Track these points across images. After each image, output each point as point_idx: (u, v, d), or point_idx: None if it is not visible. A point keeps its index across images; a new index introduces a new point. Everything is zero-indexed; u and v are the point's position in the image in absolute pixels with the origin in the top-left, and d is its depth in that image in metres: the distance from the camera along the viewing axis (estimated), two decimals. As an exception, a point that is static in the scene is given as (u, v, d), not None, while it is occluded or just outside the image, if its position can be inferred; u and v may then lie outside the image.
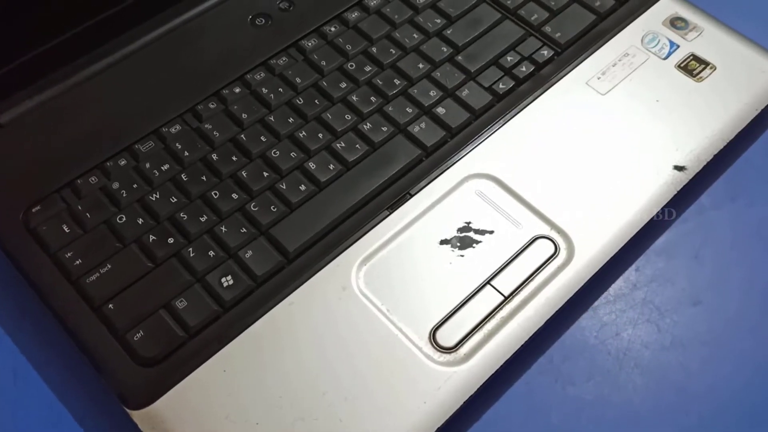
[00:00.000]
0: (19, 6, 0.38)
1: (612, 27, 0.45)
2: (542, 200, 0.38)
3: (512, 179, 0.38)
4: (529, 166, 0.39)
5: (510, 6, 0.45)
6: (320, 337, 0.33)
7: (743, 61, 0.43)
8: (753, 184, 0.41)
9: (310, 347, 0.33)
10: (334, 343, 0.33)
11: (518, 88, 0.42)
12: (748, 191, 0.41)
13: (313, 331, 0.34)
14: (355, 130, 0.40)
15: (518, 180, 0.38)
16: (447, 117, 0.41)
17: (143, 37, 0.43)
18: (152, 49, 0.43)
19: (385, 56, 0.43)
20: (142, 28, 0.43)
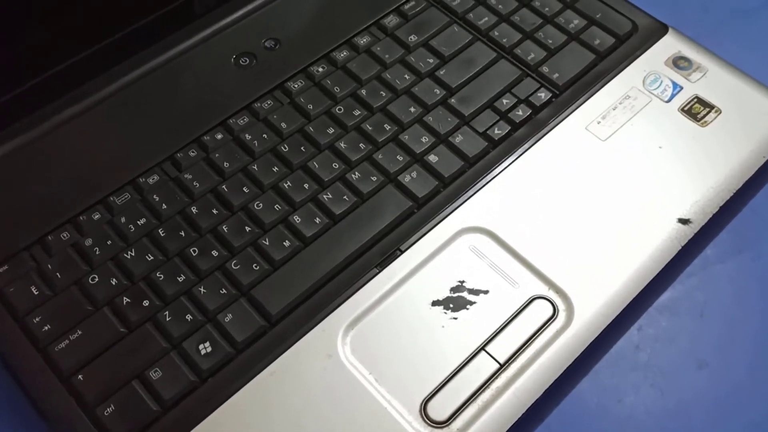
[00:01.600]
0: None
1: (612, 67, 0.43)
2: (539, 256, 0.36)
3: (508, 233, 0.37)
4: (525, 219, 0.37)
5: (506, 44, 0.43)
6: (303, 410, 0.31)
7: (749, 103, 0.41)
8: (759, 235, 0.39)
9: (292, 422, 0.31)
10: (318, 417, 0.31)
11: (514, 133, 0.40)
12: (754, 243, 0.39)
13: (296, 404, 0.32)
14: (342, 179, 0.38)
15: (514, 234, 0.36)
16: (439, 165, 0.39)
17: (119, 79, 0.41)
18: (129, 92, 0.41)
19: (375, 99, 0.41)
20: (118, 70, 0.41)
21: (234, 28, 0.44)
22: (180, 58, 0.42)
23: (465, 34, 0.44)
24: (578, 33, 0.44)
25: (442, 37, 0.44)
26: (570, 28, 0.44)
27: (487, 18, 0.44)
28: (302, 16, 0.44)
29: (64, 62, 0.39)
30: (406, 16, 0.44)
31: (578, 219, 0.37)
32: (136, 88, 0.41)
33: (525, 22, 0.44)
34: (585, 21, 0.44)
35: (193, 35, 0.43)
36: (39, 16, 0.37)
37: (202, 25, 0.43)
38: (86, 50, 0.40)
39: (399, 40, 0.43)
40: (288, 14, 0.44)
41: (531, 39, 0.44)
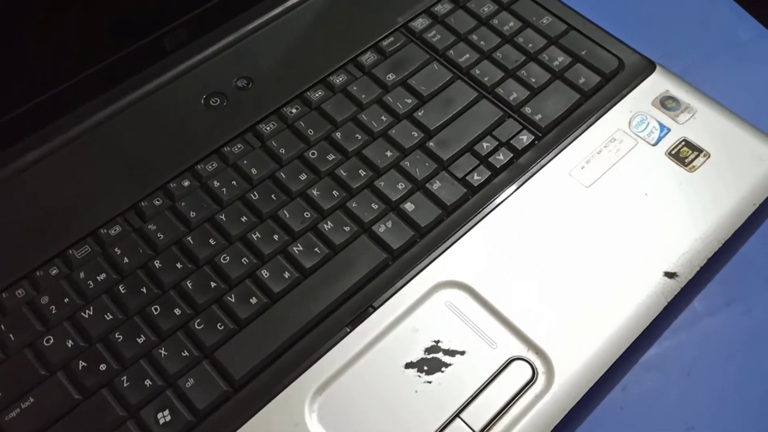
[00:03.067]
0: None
1: (597, 107, 0.41)
2: (518, 313, 0.34)
3: (486, 288, 0.35)
4: (504, 272, 0.35)
5: (487, 83, 0.42)
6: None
7: (739, 146, 0.40)
8: (750, 286, 0.38)
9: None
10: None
11: (494, 179, 0.38)
12: (744, 295, 0.38)
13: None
14: (314, 230, 0.36)
15: (492, 289, 0.35)
16: (416, 214, 0.37)
17: (82, 121, 0.39)
18: (92, 136, 0.39)
19: (350, 143, 0.39)
20: (82, 111, 0.39)
21: (205, 66, 0.42)
22: (148, 99, 0.41)
23: (445, 72, 0.42)
24: (562, 71, 0.42)
25: (421, 75, 0.42)
26: (554, 65, 0.42)
27: (469, 55, 0.43)
28: (276, 53, 0.43)
29: (23, 105, 0.37)
30: (384, 53, 0.43)
31: (559, 272, 0.35)
32: (100, 130, 0.39)
33: (507, 60, 0.43)
34: (570, 58, 0.43)
35: (162, 74, 0.41)
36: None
37: (171, 63, 0.42)
38: (47, 91, 0.38)
39: (376, 79, 0.42)
40: (261, 51, 0.43)
41: (513, 77, 0.42)
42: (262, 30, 0.44)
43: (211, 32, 0.42)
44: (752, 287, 0.38)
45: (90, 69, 0.39)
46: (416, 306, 0.34)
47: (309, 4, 0.45)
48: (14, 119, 0.37)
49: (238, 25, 0.43)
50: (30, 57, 0.36)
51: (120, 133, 0.39)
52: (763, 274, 0.38)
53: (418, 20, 0.44)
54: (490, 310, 0.34)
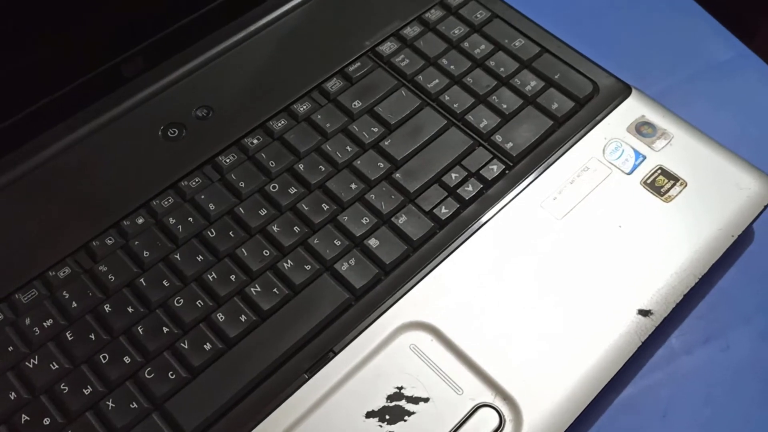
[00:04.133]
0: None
1: (570, 134, 0.40)
2: (486, 356, 0.33)
3: (452, 329, 0.33)
4: (471, 312, 0.34)
5: (457, 110, 0.40)
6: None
7: (718, 175, 0.38)
8: (728, 321, 0.36)
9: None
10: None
11: (463, 212, 0.37)
12: (723, 331, 0.36)
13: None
14: (273, 269, 0.35)
15: (459, 330, 0.33)
16: (381, 251, 0.35)
17: (33, 156, 0.37)
18: (44, 171, 0.37)
19: (313, 174, 0.38)
20: (33, 145, 0.38)
21: (163, 95, 0.40)
22: (103, 130, 0.39)
23: (413, 98, 0.41)
24: (535, 96, 0.41)
25: (388, 102, 0.41)
26: (526, 90, 0.41)
27: (438, 80, 0.41)
28: (238, 80, 0.41)
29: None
30: (350, 79, 0.41)
31: (529, 311, 0.34)
32: (52, 165, 0.38)
33: (478, 85, 0.41)
34: (542, 82, 0.41)
35: (119, 103, 0.40)
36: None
37: (128, 92, 0.40)
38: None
39: (342, 107, 0.40)
40: (223, 79, 0.41)
41: (484, 103, 0.41)
42: (224, 56, 0.42)
43: (171, 59, 0.41)
44: (730, 323, 0.36)
45: (40, 100, 0.37)
46: (379, 350, 0.33)
47: (273, 29, 0.43)
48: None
49: (199, 52, 0.41)
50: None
51: (72, 167, 0.38)
52: (742, 309, 0.37)
53: (386, 44, 0.43)
54: (456, 353, 0.33)
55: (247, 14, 0.43)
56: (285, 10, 0.44)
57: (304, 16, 0.44)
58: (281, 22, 0.43)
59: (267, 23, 0.43)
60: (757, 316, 0.37)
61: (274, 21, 0.43)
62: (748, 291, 0.37)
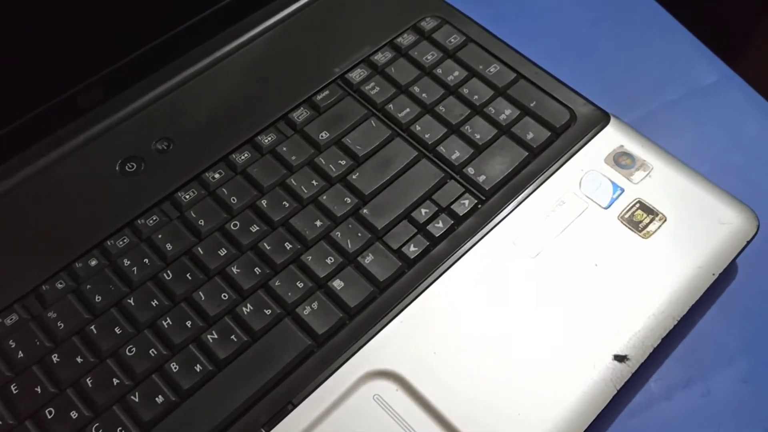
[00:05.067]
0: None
1: (546, 165, 0.38)
2: (453, 408, 0.31)
3: (419, 378, 0.32)
4: (439, 359, 0.32)
5: (428, 141, 0.39)
6: None
7: (698, 209, 0.37)
8: (709, 364, 0.35)
9: None
10: None
11: (433, 250, 0.35)
12: (704, 374, 0.35)
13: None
14: (232, 314, 0.33)
15: (426, 379, 0.32)
16: (345, 293, 0.34)
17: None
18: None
19: (277, 211, 0.36)
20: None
21: (121, 127, 0.39)
22: (57, 165, 0.37)
23: (383, 129, 0.39)
24: (509, 125, 0.39)
25: (357, 133, 0.39)
26: (501, 119, 0.39)
27: (409, 109, 0.40)
28: (200, 110, 0.40)
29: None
30: (318, 109, 0.40)
31: (499, 358, 0.32)
32: (2, 204, 0.36)
33: (451, 114, 0.40)
34: (518, 111, 0.40)
35: (75, 136, 0.38)
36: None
37: (85, 124, 0.38)
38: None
39: (308, 138, 0.39)
40: (184, 109, 0.40)
41: (457, 133, 0.39)
42: (186, 85, 0.40)
43: (130, 89, 0.39)
44: (712, 365, 0.35)
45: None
46: (341, 401, 0.31)
47: (237, 56, 0.42)
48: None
49: (159, 81, 0.40)
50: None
51: (22, 205, 0.36)
52: (724, 351, 0.35)
53: (356, 71, 0.41)
54: (422, 404, 0.31)
55: (210, 41, 0.41)
56: (250, 36, 0.42)
57: (270, 43, 0.42)
58: (246, 49, 0.42)
59: (231, 50, 0.42)
60: (740, 357, 0.35)
61: (238, 48, 0.42)
62: (730, 331, 0.36)
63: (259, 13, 0.43)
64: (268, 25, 0.43)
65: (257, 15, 0.43)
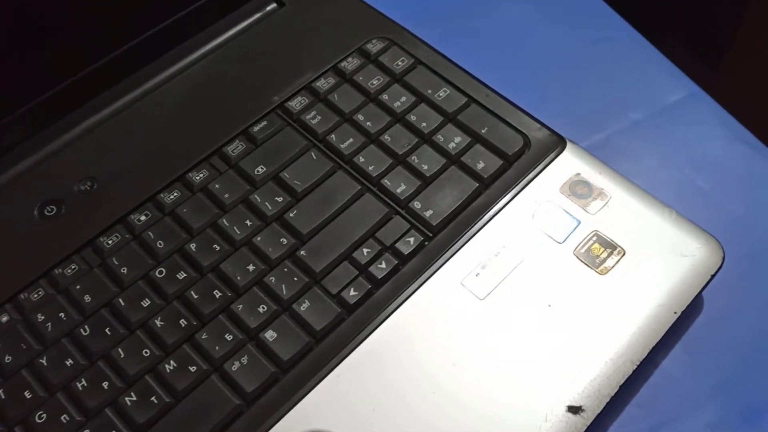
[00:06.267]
0: None
1: (498, 197, 0.36)
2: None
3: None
4: (379, 416, 0.29)
5: (372, 174, 0.36)
6: None
7: (660, 240, 0.34)
8: (675, 408, 0.32)
9: None
10: None
11: (375, 293, 0.33)
12: (668, 419, 0.32)
13: None
14: (153, 372, 0.30)
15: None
16: (278, 345, 0.31)
17: None
18: None
19: (207, 255, 0.34)
20: None
21: (41, 168, 0.36)
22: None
23: (324, 161, 0.37)
24: (459, 154, 0.37)
25: (296, 166, 0.36)
26: (450, 148, 0.37)
27: (353, 139, 0.37)
28: (128, 147, 0.37)
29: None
30: (255, 141, 0.37)
31: (444, 414, 0.30)
32: None
33: (397, 143, 0.37)
34: (468, 138, 0.37)
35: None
36: None
37: (2, 166, 0.36)
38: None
39: (243, 174, 0.36)
40: (110, 146, 0.37)
41: (403, 164, 0.37)
42: (114, 120, 0.38)
43: (51, 126, 0.37)
44: (678, 410, 0.32)
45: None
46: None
47: (170, 86, 0.39)
48: None
49: (83, 117, 0.37)
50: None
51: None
52: (690, 394, 0.33)
53: (296, 99, 0.39)
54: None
55: (141, 71, 0.39)
56: (183, 65, 0.40)
57: (205, 71, 0.40)
58: (179, 79, 0.39)
59: (163, 80, 0.39)
60: (708, 401, 0.33)
61: (170, 78, 0.39)
62: (697, 372, 0.34)
63: (193, 39, 0.41)
64: (204, 52, 0.41)
65: (191, 42, 0.41)
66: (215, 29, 0.41)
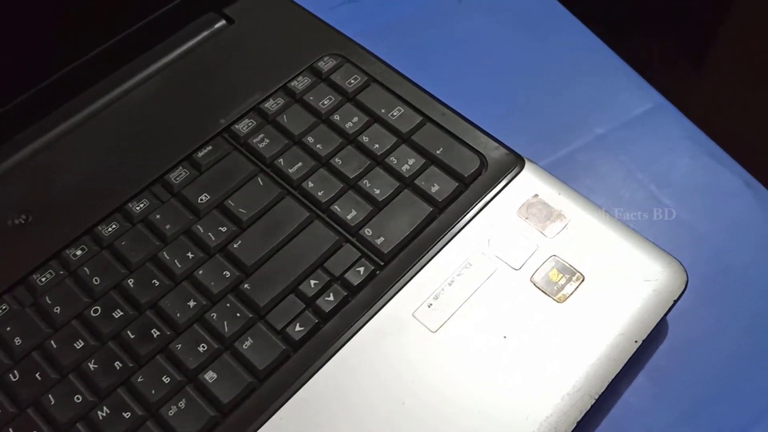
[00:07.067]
0: None
1: (452, 221, 0.34)
2: None
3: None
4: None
5: (321, 199, 0.35)
6: None
7: (620, 265, 0.33)
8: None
9: None
10: None
11: (322, 327, 0.31)
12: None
13: None
14: (85, 420, 0.29)
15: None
16: (218, 387, 0.30)
17: None
18: None
19: (145, 292, 0.32)
20: None
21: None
22: None
23: (272, 187, 0.35)
24: (413, 177, 0.35)
25: (242, 193, 0.35)
26: (403, 170, 0.35)
27: (302, 163, 0.36)
28: (65, 177, 0.35)
29: None
30: (199, 167, 0.36)
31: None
32: None
33: (348, 167, 0.36)
34: (423, 159, 0.36)
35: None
36: None
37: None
38: None
39: (186, 203, 0.34)
40: (46, 176, 0.35)
41: (354, 189, 0.35)
42: (51, 148, 0.36)
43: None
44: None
45: None
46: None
47: (111, 111, 0.37)
48: None
49: (17, 147, 0.35)
50: None
51: None
52: (654, 425, 0.31)
53: (243, 121, 0.37)
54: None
55: (77, 98, 0.37)
56: (125, 88, 0.38)
57: (148, 95, 0.38)
58: (120, 103, 0.38)
59: (103, 105, 0.37)
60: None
61: (111, 102, 0.38)
62: (661, 402, 0.32)
63: (137, 61, 0.39)
64: (148, 74, 0.39)
65: (135, 63, 0.39)
66: (160, 50, 0.40)
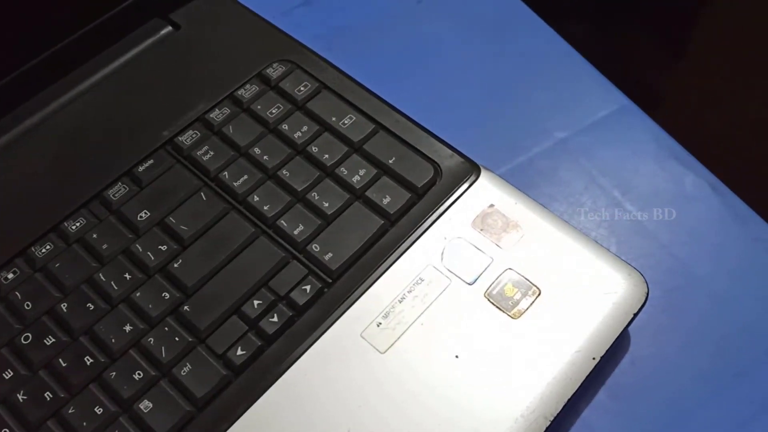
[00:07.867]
0: None
1: (404, 235, 0.33)
2: None
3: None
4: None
5: (267, 214, 0.33)
6: None
7: (578, 277, 0.31)
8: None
9: None
10: None
11: (265, 350, 0.30)
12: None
13: None
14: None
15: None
16: (153, 417, 0.28)
17: None
18: None
19: (79, 316, 0.30)
20: None
21: None
22: None
23: (216, 202, 0.34)
24: (364, 188, 0.34)
25: (184, 209, 0.33)
26: (354, 181, 0.34)
27: (248, 176, 0.34)
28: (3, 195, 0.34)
29: None
30: (140, 182, 0.34)
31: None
32: None
33: (296, 179, 0.34)
34: (375, 170, 0.34)
35: None
36: None
37: None
38: None
39: (125, 220, 0.33)
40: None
41: (302, 203, 0.34)
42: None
43: None
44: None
45: None
46: None
47: (47, 125, 0.36)
48: None
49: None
50: None
51: None
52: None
53: (187, 133, 0.36)
54: None
55: (12, 112, 0.35)
56: (64, 101, 0.36)
57: (88, 106, 0.36)
58: (57, 117, 0.36)
59: (39, 120, 0.36)
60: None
61: (49, 116, 0.36)
62: (621, 421, 0.31)
63: (78, 71, 0.37)
64: (89, 85, 0.37)
65: (76, 74, 0.37)
66: (102, 59, 0.38)
